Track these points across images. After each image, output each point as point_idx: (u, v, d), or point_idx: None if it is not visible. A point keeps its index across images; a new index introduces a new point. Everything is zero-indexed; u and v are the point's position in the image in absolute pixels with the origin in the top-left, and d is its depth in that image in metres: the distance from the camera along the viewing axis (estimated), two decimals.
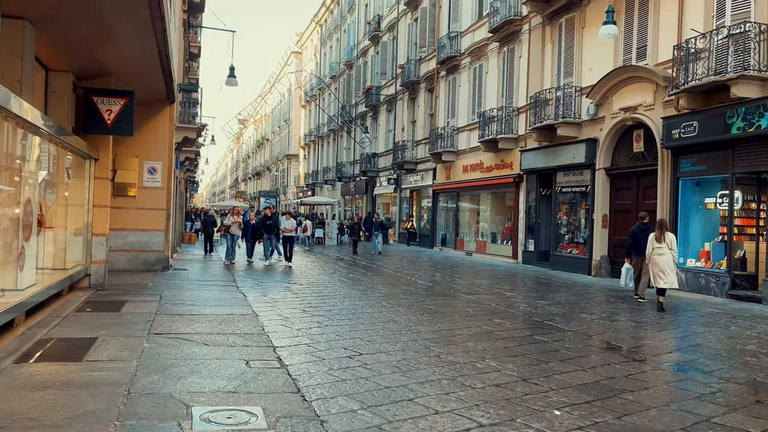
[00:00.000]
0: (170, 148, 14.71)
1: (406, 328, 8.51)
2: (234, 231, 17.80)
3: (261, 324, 8.32)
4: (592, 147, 17.37)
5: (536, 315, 10.25)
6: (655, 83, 15.04)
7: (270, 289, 12.31)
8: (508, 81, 22.36)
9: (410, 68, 31.08)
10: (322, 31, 54.77)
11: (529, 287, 14.68)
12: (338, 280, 14.79)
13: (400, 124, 33.35)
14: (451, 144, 26.17)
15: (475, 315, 10.02)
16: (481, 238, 24.50)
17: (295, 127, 64.13)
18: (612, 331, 8.98)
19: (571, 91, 18.16)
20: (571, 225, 18.97)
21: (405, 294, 12.40)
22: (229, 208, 24.69)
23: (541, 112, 18.96)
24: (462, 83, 25.99)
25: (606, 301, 12.32)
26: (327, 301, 11.00)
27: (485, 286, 14.43)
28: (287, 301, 10.78)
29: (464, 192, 26.11)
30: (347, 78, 44.66)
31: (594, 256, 17.25)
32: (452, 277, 16.33)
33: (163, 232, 14.58)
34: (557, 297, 12.69)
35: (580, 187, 18.23)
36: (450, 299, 11.87)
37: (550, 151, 19.20)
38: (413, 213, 31.70)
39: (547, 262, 19.51)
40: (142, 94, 13.15)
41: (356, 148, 40.53)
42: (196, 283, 12.76)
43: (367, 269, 17.89)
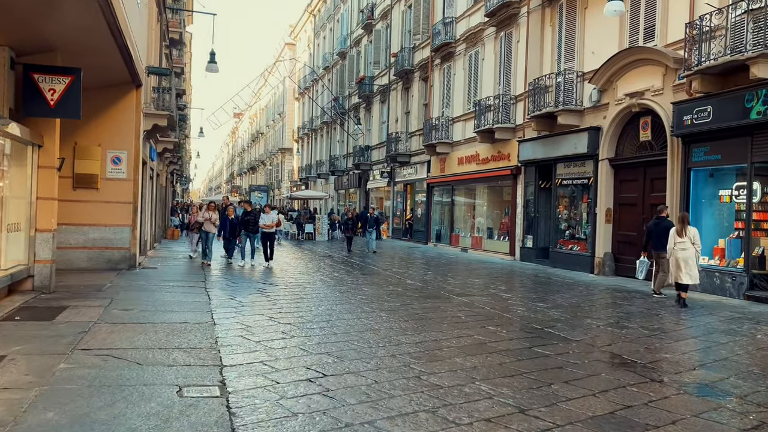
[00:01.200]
0: (137, 136, 13.50)
1: (385, 340, 7.34)
2: (208, 228, 15.71)
3: (216, 335, 7.15)
4: (595, 136, 16.20)
5: (535, 321, 9.09)
6: (665, 66, 13.86)
7: (240, 292, 11.13)
8: (505, 68, 21.16)
9: (404, 57, 29.85)
10: (315, 22, 53.44)
11: (527, 287, 13.53)
12: (320, 280, 13.62)
13: (394, 116, 32.14)
14: (446, 135, 24.98)
15: (466, 321, 8.86)
16: (477, 234, 23.34)
17: (288, 121, 62.85)
18: (623, 341, 7.83)
19: (573, 76, 16.97)
20: (572, 220, 17.81)
21: (391, 296, 11.23)
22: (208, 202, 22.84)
23: (541, 99, 17.78)
24: (457, 71, 24.77)
25: (612, 304, 11.16)
26: (301, 305, 9.82)
27: (480, 286, 13.28)
28: (256, 305, 9.60)
29: (459, 185, 24.94)
30: (340, 69, 43.39)
31: (597, 253, 16.09)
32: (445, 276, 15.18)
33: (129, 228, 13.38)
34: (558, 299, 11.53)
35: (581, 179, 17.07)
36: (440, 302, 10.70)
37: (550, 141, 18.02)
38: (407, 207, 30.51)
39: (546, 260, 18.36)
40: (101, 75, 11.98)
41: (349, 141, 39.31)
42: (160, 284, 11.57)
43: (354, 267, 16.72)
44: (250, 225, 16.03)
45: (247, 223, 16.08)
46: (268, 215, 16.32)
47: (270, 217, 16.26)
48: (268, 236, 16.04)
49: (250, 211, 16.61)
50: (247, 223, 16.08)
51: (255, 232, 16.12)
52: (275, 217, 16.64)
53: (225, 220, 15.87)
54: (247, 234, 16.20)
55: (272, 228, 16.13)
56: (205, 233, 15.80)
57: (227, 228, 15.81)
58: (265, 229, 15.96)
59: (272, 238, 16.18)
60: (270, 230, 16.05)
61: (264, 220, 16.06)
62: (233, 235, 16.07)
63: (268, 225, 15.99)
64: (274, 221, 16.25)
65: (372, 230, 22.62)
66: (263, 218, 16.08)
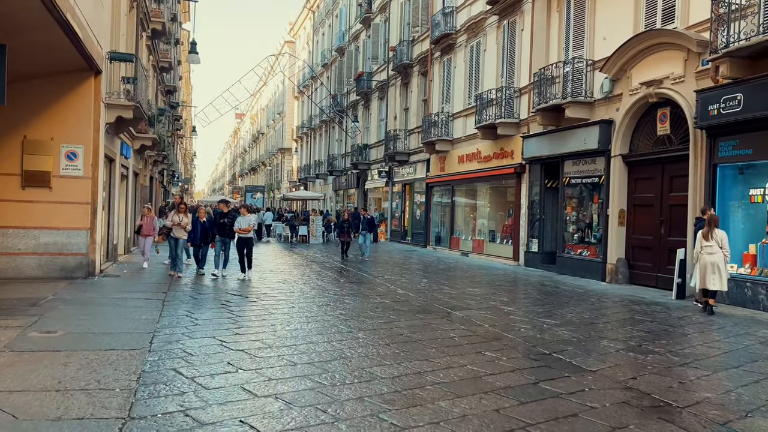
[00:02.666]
0: (96, 128, 12.10)
1: (355, 373, 5.90)
2: (178, 234, 13.46)
3: (142, 369, 5.72)
4: (606, 130, 14.72)
5: (542, 343, 7.64)
6: (686, 50, 12.38)
7: (201, 307, 9.69)
8: (508, 59, 19.70)
9: (402, 50, 28.42)
10: (314, 18, 52.10)
11: (532, 299, 12.06)
12: (299, 290, 12.19)
13: (393, 113, 30.71)
14: (446, 132, 23.53)
15: (459, 345, 7.41)
16: (479, 237, 21.87)
17: (288, 120, 61.52)
18: (649, 372, 6.37)
19: (582, 65, 15.50)
20: (581, 222, 16.32)
21: (375, 310, 9.78)
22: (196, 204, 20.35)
23: (547, 91, 16.31)
24: (458, 64, 23.32)
25: (630, 320, 9.67)
26: (266, 323, 8.39)
27: (479, 297, 11.82)
28: (211, 325, 8.16)
29: (460, 185, 23.47)
30: (339, 65, 42.00)
31: (609, 258, 14.61)
32: (441, 284, 13.73)
33: (86, 231, 11.98)
34: (568, 313, 10.07)
35: (592, 177, 15.59)
36: (431, 318, 9.25)
37: (557, 137, 16.55)
38: (406, 208, 29.05)
39: (552, 265, 16.88)
40: (49, 58, 10.63)
41: (348, 140, 37.91)
42: (112, 297, 10.16)
43: (341, 275, 15.28)
44: (226, 229, 13.66)
45: (222, 226, 13.74)
46: (244, 218, 13.53)
47: (247, 220, 13.52)
48: (244, 243, 13.35)
49: (226, 212, 14.11)
50: (223, 226, 13.73)
51: (232, 236, 13.70)
52: (253, 220, 14.14)
53: (195, 224, 13.77)
54: (223, 239, 13.81)
55: (249, 233, 13.50)
56: (174, 240, 13.52)
57: (198, 232, 13.73)
58: (241, 234, 13.38)
59: (249, 245, 13.48)
60: (246, 235, 13.41)
61: (239, 223, 13.40)
62: (205, 241, 13.98)
63: (243, 230, 13.37)
64: (251, 225, 13.72)
65: (366, 233, 20.30)
66: (239, 221, 13.42)
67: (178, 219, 13.57)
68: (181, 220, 13.58)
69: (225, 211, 14.17)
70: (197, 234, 13.77)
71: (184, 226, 13.55)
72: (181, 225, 13.53)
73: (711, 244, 10.26)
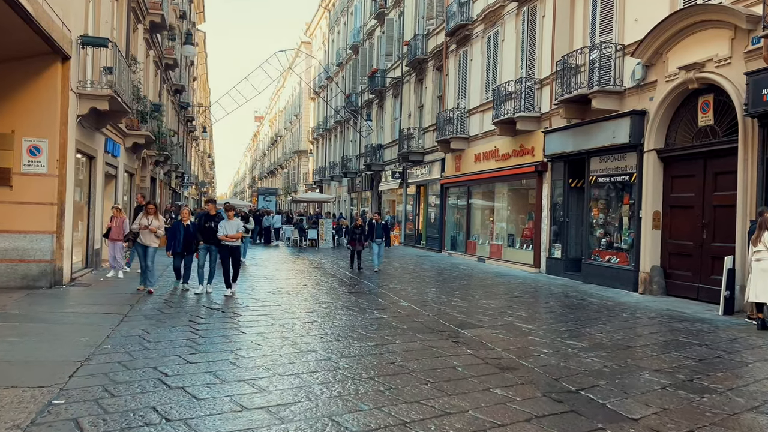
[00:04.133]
0: (64, 121, 10.85)
1: (316, 425, 4.46)
2: (146, 241, 11.11)
3: (26, 424, 4.33)
4: (638, 122, 13.11)
5: (567, 375, 6.13)
6: (733, 27, 10.74)
7: (163, 325, 8.30)
8: (528, 48, 18.14)
9: (417, 45, 26.96)
10: (330, 17, 50.95)
11: (555, 313, 10.48)
12: (288, 302, 10.78)
13: (407, 110, 29.26)
14: (462, 129, 22.00)
15: (464, 378, 5.93)
16: (496, 242, 20.28)
17: (304, 122, 60.46)
18: (712, 423, 4.82)
19: (610, 51, 13.88)
20: (610, 225, 14.67)
21: (369, 329, 8.33)
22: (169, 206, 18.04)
23: (571, 80, 14.71)
24: (474, 56, 21.79)
25: (674, 342, 8.07)
26: (230, 348, 6.98)
27: (493, 311, 10.29)
28: (162, 351, 6.77)
29: (476, 186, 21.91)
30: (353, 64, 40.71)
31: (642, 266, 12.97)
32: (451, 295, 12.22)
33: (52, 236, 10.70)
34: (597, 332, 8.51)
35: (622, 175, 13.96)
36: (434, 339, 7.78)
37: (583, 131, 14.95)
38: (420, 211, 27.53)
39: (577, 273, 15.26)
40: (4, 41, 9.36)
41: (362, 140, 36.56)
42: (65, 312, 8.82)
43: (341, 283, 13.84)
44: (212, 234, 11.23)
45: (207, 231, 11.34)
46: (230, 222, 11.27)
47: (232, 225, 11.24)
48: (229, 252, 11.24)
49: (213, 214, 11.59)
50: (208, 231, 11.32)
51: (219, 244, 11.29)
52: (240, 224, 11.64)
53: (176, 229, 11.48)
54: (208, 247, 11.45)
55: (235, 240, 11.25)
56: (142, 248, 11.12)
57: (179, 239, 11.45)
58: (228, 242, 11.15)
59: (236, 255, 11.43)
60: (233, 243, 11.22)
61: (224, 229, 11.10)
62: (189, 250, 11.61)
63: (231, 236, 11.10)
64: (240, 230, 11.41)
65: (381, 241, 17.09)
66: (222, 227, 11.11)
67: (146, 222, 11.13)
68: (149, 222, 11.15)
69: (212, 213, 11.65)
70: (179, 241, 11.49)
71: (153, 230, 11.16)
72: (149, 229, 11.12)
73: (760, 249, 8.89)
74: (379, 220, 17.74)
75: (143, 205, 12.31)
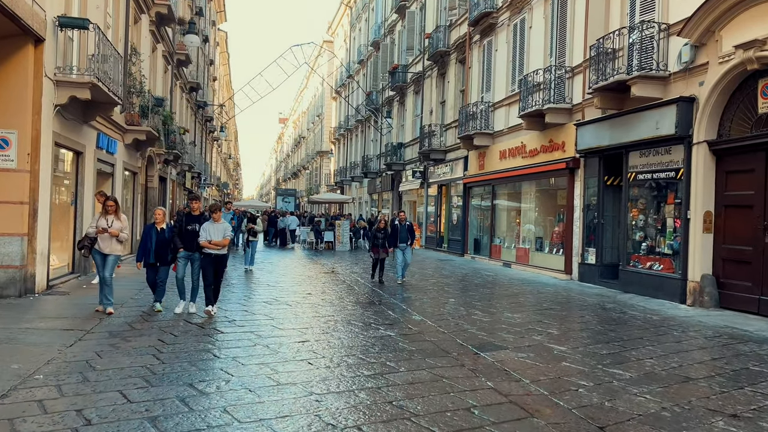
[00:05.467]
0: (36, 110, 9.73)
1: None
2: (106, 248, 8.66)
3: None
4: (686, 110, 11.53)
5: (615, 420, 4.70)
6: None
7: (123, 346, 7.05)
8: (558, 34, 16.62)
9: (438, 37, 25.55)
10: (351, 14, 49.85)
11: (592, 331, 8.97)
12: (282, 316, 9.47)
13: (428, 106, 27.85)
14: (485, 124, 20.52)
15: (480, 427, 4.54)
16: (523, 245, 18.74)
17: (326, 122, 59.48)
18: None
19: (653, 31, 12.31)
20: (652, 228, 13.08)
21: (370, 351, 6.98)
22: None
23: (607, 66, 13.17)
24: (499, 46, 20.31)
25: (744, 372, 6.52)
26: (192, 376, 5.69)
27: (520, 326, 8.85)
28: (104, 384, 5.50)
29: (501, 185, 20.40)
30: (374, 61, 39.46)
31: (690, 275, 11.37)
32: (472, 306, 10.80)
33: (21, 238, 9.59)
34: (645, 357, 7.02)
35: (666, 171, 12.38)
36: (447, 365, 6.39)
37: (620, 122, 13.39)
38: (441, 212, 26.07)
39: (614, 281, 13.69)
40: None
41: (382, 139, 35.25)
42: (18, 328, 7.57)
43: (350, 292, 12.51)
44: (195, 240, 8.99)
45: (188, 236, 9.07)
46: (215, 225, 8.94)
47: (218, 228, 8.91)
48: (213, 262, 8.97)
49: (198, 215, 9.34)
50: (189, 236, 9.05)
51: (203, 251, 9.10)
52: (227, 228, 9.09)
53: (148, 235, 9.09)
54: (189, 255, 9.17)
55: (221, 248, 8.96)
56: (101, 257, 8.68)
57: (151, 247, 9.02)
58: (211, 250, 8.90)
59: (221, 266, 9.13)
60: (217, 251, 8.95)
61: (208, 233, 8.85)
62: (163, 261, 9.12)
63: (215, 243, 8.85)
64: (228, 236, 9.00)
65: (405, 246, 14.22)
66: (206, 230, 8.85)
67: (104, 223, 8.64)
68: (109, 224, 8.64)
69: (195, 214, 9.35)
70: (149, 249, 9.02)
71: (114, 234, 8.66)
72: (109, 232, 8.61)
73: None
74: (405, 220, 14.71)
75: (102, 201, 9.46)
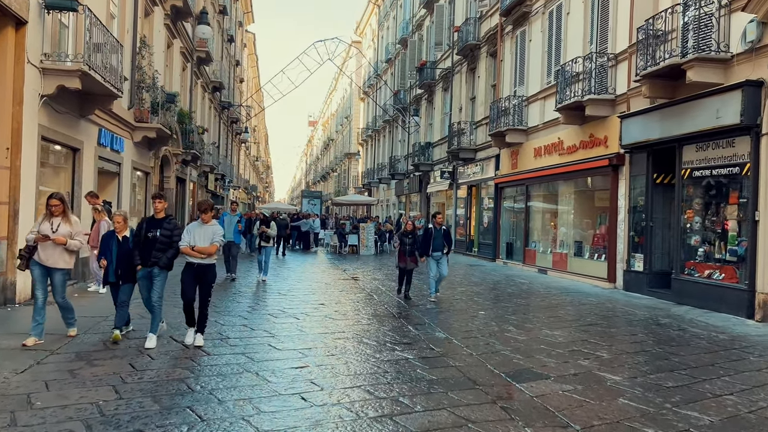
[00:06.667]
0: (18, 100, 8.78)
1: None
2: (50, 261, 6.81)
3: None
4: (753, 96, 10.01)
5: None
6: None
7: (83, 374, 5.97)
8: (600, 18, 15.17)
9: (468, 30, 24.21)
10: (379, 12, 48.82)
11: (650, 354, 7.51)
12: (285, 332, 8.29)
13: (457, 103, 26.50)
14: (519, 120, 19.11)
15: None
16: (561, 250, 17.25)
17: (354, 124, 58.53)
18: None
19: (712, 7, 10.80)
20: (710, 231, 11.54)
21: (380, 380, 5.74)
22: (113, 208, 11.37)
23: (657, 50, 11.71)
24: (533, 36, 18.90)
25: None
26: (144, 423, 4.53)
27: (562, 348, 7.50)
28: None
29: (536, 184, 18.95)
30: (402, 59, 38.27)
31: (760, 286, 9.84)
32: (505, 321, 9.47)
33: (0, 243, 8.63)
34: (723, 392, 5.61)
35: (728, 166, 10.85)
36: (474, 402, 5.10)
37: (673, 113, 11.90)
38: (471, 214, 24.67)
39: (666, 291, 12.18)
40: None
41: (410, 139, 34.01)
42: None
43: (368, 302, 11.27)
44: (155, 250, 6.98)
45: (147, 246, 6.99)
46: (203, 227, 7.04)
47: (205, 232, 7.00)
48: (194, 274, 7.00)
49: (161, 218, 7.16)
50: (148, 246, 6.99)
51: (169, 266, 7.12)
52: (218, 233, 7.08)
53: (107, 246, 7.16)
54: (149, 272, 7.06)
55: (207, 257, 6.99)
56: (42, 271, 6.83)
57: (112, 261, 7.10)
58: (194, 260, 6.97)
59: (207, 279, 7.04)
60: (205, 261, 7.00)
61: (190, 236, 6.98)
62: (128, 277, 7.16)
63: (199, 250, 6.91)
64: (215, 242, 6.98)
65: (441, 255, 11.55)
66: (189, 233, 7.03)
67: (48, 227, 6.74)
68: (54, 229, 6.76)
69: (158, 218, 7.15)
70: (111, 261, 7.09)
71: (60, 242, 6.75)
72: (54, 240, 6.71)
73: None
74: (441, 223, 11.99)
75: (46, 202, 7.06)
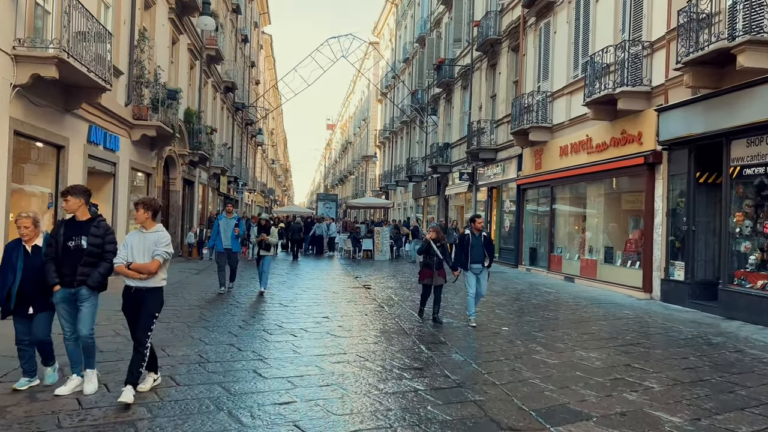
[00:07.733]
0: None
1: None
2: None
3: None
4: None
5: None
6: None
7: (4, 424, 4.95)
8: (633, 3, 13.94)
9: (489, 24, 23.04)
10: (397, 12, 47.84)
11: (709, 385, 6.25)
12: (278, 353, 7.22)
13: (477, 102, 25.31)
14: (543, 117, 17.90)
15: None
16: (589, 256, 15.98)
17: (372, 126, 57.57)
18: None
19: None
20: (763, 236, 10.25)
21: (380, 420, 4.64)
22: None
23: (701, 33, 10.47)
24: (558, 27, 17.69)
25: None
26: None
27: (601, 375, 6.31)
28: None
29: (562, 186, 17.69)
30: (420, 58, 37.19)
31: None
32: (531, 338, 8.30)
33: None
34: None
35: None
36: None
37: (720, 103, 10.64)
38: (492, 218, 23.44)
39: (711, 303, 10.90)
40: None
41: (428, 140, 32.87)
42: None
43: (377, 315, 10.16)
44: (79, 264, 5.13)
45: (68, 258, 5.14)
46: (143, 236, 5.18)
47: (146, 241, 5.15)
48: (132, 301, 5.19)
49: (85, 220, 5.28)
50: (70, 258, 5.14)
51: (101, 286, 5.28)
52: (164, 240, 5.20)
53: (8, 261, 5.23)
54: (70, 293, 5.19)
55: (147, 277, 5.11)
56: None
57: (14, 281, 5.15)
58: (130, 280, 5.16)
59: (149, 307, 5.15)
60: (142, 284, 5.13)
61: (127, 250, 5.16)
62: (39, 304, 5.21)
63: (135, 268, 5.09)
64: (157, 256, 5.10)
65: (482, 269, 9.58)
66: (126, 246, 5.18)
67: None
68: None
69: (82, 220, 5.28)
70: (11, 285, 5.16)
71: None
72: None
73: None
74: (481, 228, 9.79)
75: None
